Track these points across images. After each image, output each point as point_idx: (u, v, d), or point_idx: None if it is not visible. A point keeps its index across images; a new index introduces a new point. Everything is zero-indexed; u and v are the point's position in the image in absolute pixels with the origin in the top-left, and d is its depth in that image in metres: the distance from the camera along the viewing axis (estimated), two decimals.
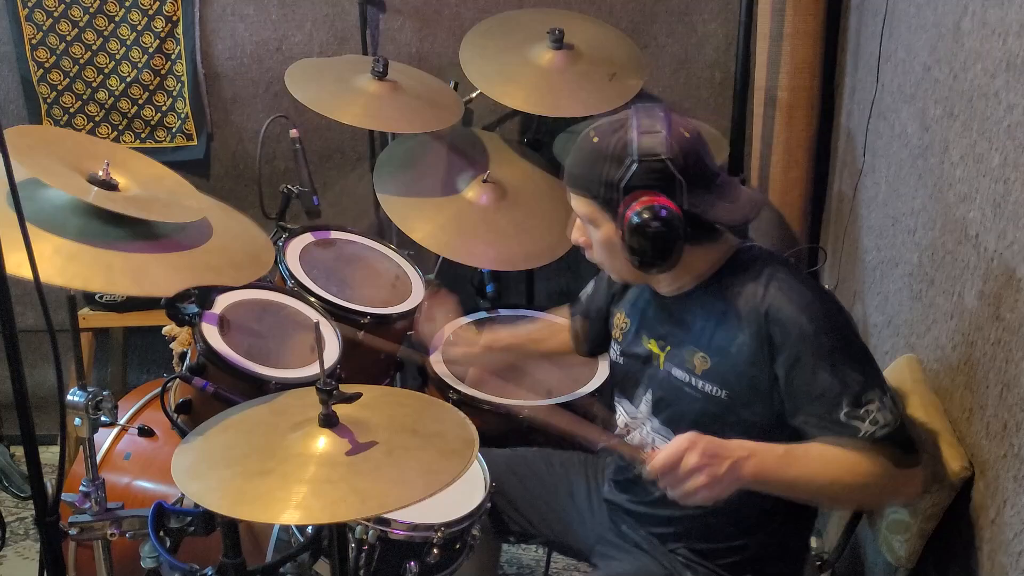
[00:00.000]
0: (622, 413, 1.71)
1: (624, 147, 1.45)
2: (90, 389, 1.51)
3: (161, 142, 3.01)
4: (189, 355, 2.00)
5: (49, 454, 1.58)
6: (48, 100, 2.96)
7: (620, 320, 1.73)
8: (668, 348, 1.61)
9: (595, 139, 1.50)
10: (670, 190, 1.44)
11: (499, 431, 2.10)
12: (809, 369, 1.43)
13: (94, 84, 2.95)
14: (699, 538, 1.63)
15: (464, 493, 1.72)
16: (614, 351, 1.74)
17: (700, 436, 1.38)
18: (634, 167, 1.44)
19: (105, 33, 2.90)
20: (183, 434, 1.84)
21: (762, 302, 1.47)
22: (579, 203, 1.54)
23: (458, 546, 1.72)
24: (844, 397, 1.41)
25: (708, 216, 1.47)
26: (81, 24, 2.89)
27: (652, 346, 1.63)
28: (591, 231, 1.56)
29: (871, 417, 1.40)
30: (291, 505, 1.25)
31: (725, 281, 1.54)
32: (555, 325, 2.07)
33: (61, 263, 1.39)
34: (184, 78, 2.94)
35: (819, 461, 1.43)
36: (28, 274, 1.27)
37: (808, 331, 1.43)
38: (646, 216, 1.42)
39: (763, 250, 1.58)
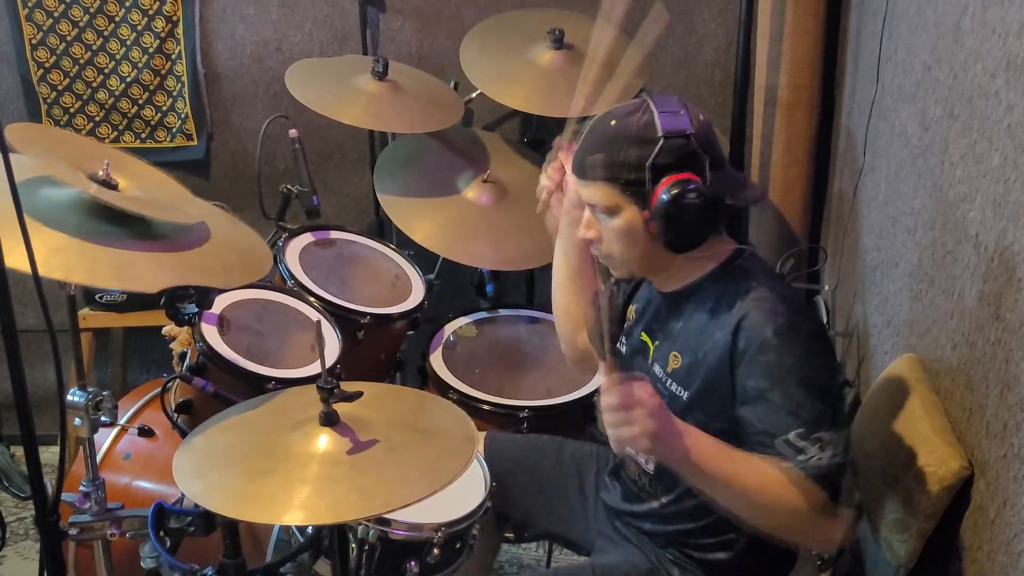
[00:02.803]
0: None
1: (647, 127, 1.43)
2: (90, 389, 1.51)
3: (161, 142, 3.00)
4: (189, 355, 2.00)
5: (49, 454, 1.58)
6: (48, 100, 2.96)
7: (630, 312, 1.74)
8: (657, 343, 1.62)
9: (613, 123, 1.47)
10: (696, 168, 1.42)
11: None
12: (766, 384, 1.41)
13: (94, 84, 2.94)
14: (682, 544, 1.63)
15: (465, 492, 1.72)
16: (621, 342, 1.74)
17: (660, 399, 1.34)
18: (661, 144, 1.42)
19: (105, 33, 2.90)
20: (183, 434, 1.84)
21: (739, 310, 1.45)
22: (596, 192, 1.49)
23: (458, 546, 1.72)
24: (795, 420, 1.38)
25: (726, 195, 1.45)
26: (81, 24, 2.89)
27: (646, 339, 1.64)
28: (605, 221, 1.51)
29: (816, 447, 1.37)
30: (294, 505, 1.25)
31: (718, 283, 1.53)
32: None
33: (45, 254, 1.35)
34: (184, 78, 2.94)
35: (750, 469, 1.38)
36: (20, 266, 1.26)
37: (772, 344, 1.40)
38: (679, 192, 1.40)
39: (760, 261, 1.56)
